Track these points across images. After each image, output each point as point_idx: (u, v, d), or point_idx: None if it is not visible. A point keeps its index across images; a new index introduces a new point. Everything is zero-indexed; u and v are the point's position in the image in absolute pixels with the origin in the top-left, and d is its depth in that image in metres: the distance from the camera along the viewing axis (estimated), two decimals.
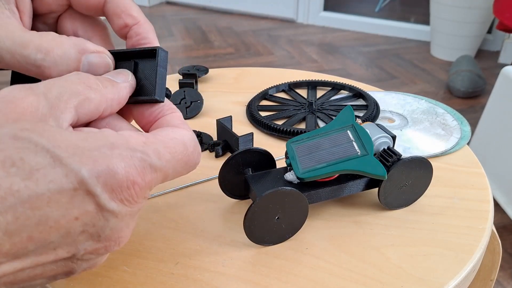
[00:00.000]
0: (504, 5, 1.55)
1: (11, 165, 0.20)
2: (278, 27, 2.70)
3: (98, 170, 0.21)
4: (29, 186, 0.20)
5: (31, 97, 0.22)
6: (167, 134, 0.26)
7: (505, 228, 1.18)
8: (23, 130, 0.20)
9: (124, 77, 0.27)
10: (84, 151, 0.21)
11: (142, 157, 0.23)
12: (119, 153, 0.22)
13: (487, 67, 2.16)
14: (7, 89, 0.22)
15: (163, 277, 0.31)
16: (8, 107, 0.21)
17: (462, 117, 0.53)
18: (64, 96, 0.23)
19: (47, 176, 0.20)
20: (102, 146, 0.22)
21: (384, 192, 0.36)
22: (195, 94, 0.54)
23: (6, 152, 0.20)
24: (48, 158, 0.20)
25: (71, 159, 0.21)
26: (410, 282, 0.31)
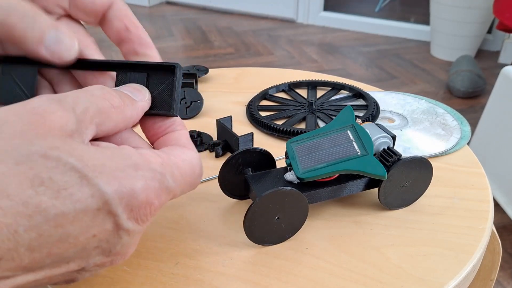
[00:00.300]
0: (504, 5, 1.55)
1: (39, 184, 0.20)
2: (278, 27, 2.70)
3: (122, 191, 0.22)
4: (56, 205, 0.20)
5: (61, 112, 0.22)
6: (179, 155, 0.26)
7: (505, 228, 1.18)
8: (53, 149, 0.21)
9: (142, 95, 0.28)
10: (111, 171, 0.22)
11: (161, 179, 0.24)
12: (142, 175, 0.23)
13: (487, 67, 2.16)
14: (36, 100, 0.22)
15: (163, 277, 0.31)
16: (38, 121, 0.21)
17: (462, 117, 0.53)
18: (89, 112, 0.23)
19: (74, 196, 0.21)
20: (127, 166, 0.23)
21: (384, 192, 0.36)
22: (195, 94, 0.54)
23: (36, 171, 0.20)
24: (76, 178, 0.21)
25: (99, 179, 0.21)
26: (410, 282, 0.31)
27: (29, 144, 0.20)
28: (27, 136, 0.21)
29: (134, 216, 0.23)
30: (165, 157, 0.25)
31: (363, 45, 2.44)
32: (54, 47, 0.26)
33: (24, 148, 0.20)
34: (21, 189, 0.20)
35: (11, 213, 0.19)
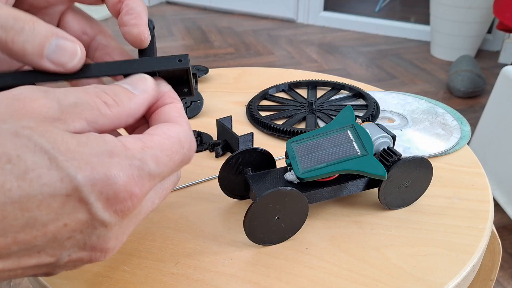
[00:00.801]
0: (504, 5, 1.55)
1: (6, 162, 0.19)
2: (278, 27, 2.70)
3: (94, 177, 0.21)
4: (22, 186, 0.19)
5: (43, 100, 0.21)
6: (164, 133, 0.25)
7: (505, 228, 1.18)
8: (25, 128, 0.20)
9: (143, 85, 0.26)
10: (83, 156, 0.21)
11: (141, 165, 0.23)
12: (118, 162, 0.22)
13: (487, 67, 2.16)
14: (20, 88, 0.21)
15: (163, 277, 0.31)
16: (16, 105, 0.21)
17: (462, 117, 0.53)
18: (79, 107, 0.22)
19: (41, 178, 0.20)
20: (101, 153, 0.21)
21: (384, 192, 0.36)
22: (195, 94, 0.54)
23: (4, 148, 0.19)
24: (45, 160, 0.20)
25: (69, 163, 0.20)
26: (410, 282, 0.31)
27: (1, 123, 0.20)
28: (2, 116, 0.20)
29: (113, 208, 0.22)
30: (147, 139, 0.24)
31: (363, 45, 2.44)
32: (56, 57, 0.25)
33: None
34: None
35: None
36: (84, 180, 0.20)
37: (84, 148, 0.21)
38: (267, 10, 2.83)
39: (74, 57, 0.26)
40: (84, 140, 0.21)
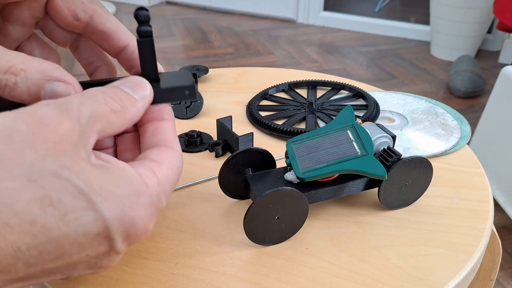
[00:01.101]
0: (504, 5, 1.55)
1: (48, 204, 0.20)
2: (278, 27, 2.70)
3: (123, 219, 0.23)
4: (60, 227, 0.21)
5: (68, 123, 0.22)
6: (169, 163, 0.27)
7: (505, 228, 1.18)
8: (63, 169, 0.21)
9: (143, 90, 0.27)
10: (115, 198, 0.22)
11: (158, 204, 0.25)
12: (142, 203, 0.24)
13: (487, 67, 2.16)
14: (44, 110, 0.22)
15: (163, 277, 0.31)
16: (47, 133, 0.21)
17: (462, 117, 0.53)
18: (92, 120, 0.24)
19: (78, 219, 0.21)
20: (130, 193, 0.23)
21: (384, 192, 0.36)
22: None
23: (46, 191, 0.20)
24: (83, 202, 0.21)
25: (103, 206, 0.22)
26: (410, 282, 0.31)
27: (41, 161, 0.21)
28: (39, 149, 0.21)
29: (129, 241, 0.24)
30: (158, 171, 0.26)
31: (363, 45, 2.44)
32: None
33: (37, 165, 0.20)
34: (30, 208, 0.20)
35: (18, 231, 0.20)
36: (114, 222, 0.22)
37: (116, 188, 0.23)
38: (267, 10, 2.83)
39: None
40: (114, 179, 0.23)
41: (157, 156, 0.27)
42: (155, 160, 0.27)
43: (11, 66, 0.25)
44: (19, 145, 0.20)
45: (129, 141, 0.30)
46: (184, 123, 0.52)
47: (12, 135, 0.21)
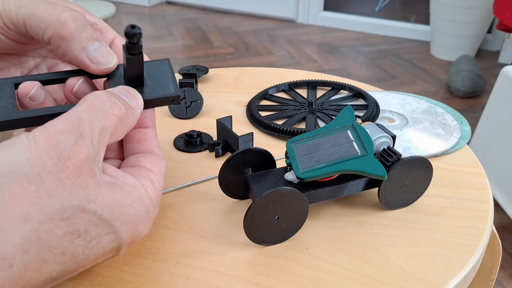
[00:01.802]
0: (504, 5, 1.55)
1: (77, 236, 0.23)
2: (278, 27, 2.70)
3: (134, 235, 0.27)
4: (85, 252, 0.24)
5: (85, 151, 0.24)
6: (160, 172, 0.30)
7: (505, 228, 1.18)
8: (89, 202, 0.24)
9: (136, 100, 0.29)
10: (131, 219, 0.26)
11: (156, 210, 0.29)
12: (150, 217, 0.28)
13: (487, 67, 2.16)
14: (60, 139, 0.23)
15: (163, 277, 0.31)
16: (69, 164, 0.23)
17: (462, 117, 0.53)
18: (102, 136, 0.26)
19: (100, 243, 0.25)
20: (142, 212, 0.27)
21: (384, 192, 0.36)
22: (195, 94, 0.54)
23: (76, 226, 0.23)
24: (106, 229, 0.25)
25: (122, 228, 0.25)
26: (410, 282, 0.31)
27: (70, 198, 0.23)
28: (66, 186, 0.23)
29: (131, 245, 0.28)
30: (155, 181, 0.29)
31: (363, 45, 2.44)
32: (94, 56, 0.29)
33: (66, 203, 0.23)
34: (62, 242, 0.23)
35: (51, 263, 0.23)
36: (127, 238, 0.26)
37: (131, 209, 0.26)
38: (267, 10, 2.83)
39: (109, 62, 0.30)
40: (130, 201, 0.26)
41: (151, 165, 0.30)
42: (151, 170, 0.30)
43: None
44: (49, 184, 0.22)
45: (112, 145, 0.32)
46: (184, 123, 0.52)
47: (41, 174, 0.22)
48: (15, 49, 0.32)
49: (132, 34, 0.27)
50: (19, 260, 0.21)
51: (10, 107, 0.28)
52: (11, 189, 0.21)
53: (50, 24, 0.28)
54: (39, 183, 0.22)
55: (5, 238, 0.21)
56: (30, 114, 0.28)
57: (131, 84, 0.30)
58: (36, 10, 0.29)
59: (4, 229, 0.21)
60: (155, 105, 0.31)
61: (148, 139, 0.31)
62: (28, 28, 0.29)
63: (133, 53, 0.28)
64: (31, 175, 0.22)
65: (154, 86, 0.31)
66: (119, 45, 0.34)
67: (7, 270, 0.21)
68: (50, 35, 0.29)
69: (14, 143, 0.23)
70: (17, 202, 0.21)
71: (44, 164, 0.22)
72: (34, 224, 0.21)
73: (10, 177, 0.21)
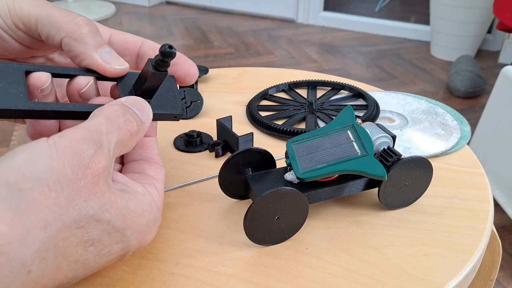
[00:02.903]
0: (504, 5, 1.55)
1: (90, 245, 0.24)
2: (278, 27, 2.70)
3: (141, 243, 0.28)
4: (96, 260, 0.25)
5: (103, 161, 0.25)
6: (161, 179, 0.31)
7: (505, 228, 1.18)
8: (104, 212, 0.24)
9: (147, 114, 0.30)
10: (141, 228, 0.27)
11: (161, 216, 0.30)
12: (156, 226, 0.29)
13: (487, 67, 2.16)
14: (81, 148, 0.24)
15: (163, 277, 0.31)
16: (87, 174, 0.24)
17: (462, 117, 0.53)
18: (116, 148, 0.26)
19: (111, 251, 0.25)
20: (151, 221, 0.28)
21: (384, 192, 0.36)
22: (195, 94, 0.54)
23: (90, 234, 0.24)
24: (118, 237, 0.25)
25: (132, 236, 0.26)
26: (410, 282, 0.31)
27: (86, 206, 0.23)
28: (83, 194, 0.23)
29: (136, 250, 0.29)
30: (160, 189, 0.30)
31: (363, 45, 2.44)
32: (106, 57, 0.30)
33: (83, 211, 0.23)
34: (76, 250, 0.23)
35: (65, 270, 0.23)
36: (135, 246, 0.27)
37: (141, 219, 0.27)
38: (267, 10, 2.83)
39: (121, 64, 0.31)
40: (141, 210, 0.27)
41: (155, 173, 0.31)
42: (155, 177, 0.31)
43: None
44: (68, 192, 0.23)
45: None
46: (184, 123, 0.52)
47: (61, 181, 0.22)
48: (19, 53, 0.32)
49: (168, 53, 0.28)
50: (37, 266, 0.21)
51: (22, 95, 0.27)
52: (33, 195, 0.21)
53: (64, 25, 0.29)
54: (59, 191, 0.22)
55: (26, 245, 0.21)
56: (42, 107, 0.28)
57: (143, 95, 0.31)
58: (51, 11, 0.29)
59: (25, 236, 0.21)
60: (158, 119, 0.33)
61: (150, 147, 0.33)
62: (39, 28, 0.30)
63: (160, 70, 0.30)
64: (52, 182, 0.22)
65: (161, 101, 0.33)
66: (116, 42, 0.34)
67: (25, 277, 0.21)
68: (64, 36, 0.29)
69: (34, 147, 0.23)
70: (37, 208, 0.21)
71: (64, 172, 0.23)
72: (52, 232, 0.22)
73: (32, 183, 0.21)
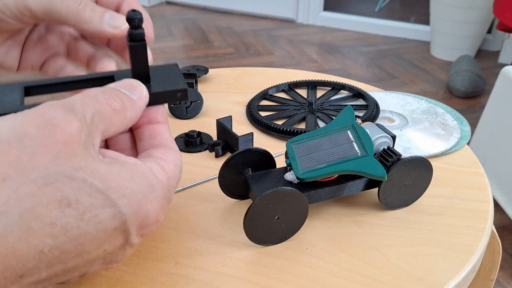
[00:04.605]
0: (504, 5, 1.55)
1: (66, 205, 0.21)
2: (278, 27, 2.70)
3: (139, 212, 0.24)
4: (80, 226, 0.21)
5: (76, 123, 0.23)
6: (173, 160, 0.28)
7: (505, 228, 1.18)
8: (77, 170, 0.22)
9: (139, 92, 0.28)
10: (132, 193, 0.23)
11: (168, 196, 0.26)
12: (156, 196, 0.25)
13: (487, 67, 2.16)
14: (51, 110, 0.23)
15: (163, 277, 0.31)
16: (57, 133, 0.22)
17: (462, 117, 0.53)
18: (95, 119, 0.24)
19: (97, 217, 0.22)
20: (145, 188, 0.24)
21: (384, 192, 0.36)
22: (195, 94, 0.54)
23: (63, 192, 0.21)
24: (101, 199, 0.22)
25: (120, 201, 0.23)
26: (410, 282, 0.31)
27: (54, 163, 0.21)
28: (51, 152, 0.21)
29: (142, 232, 0.25)
30: (166, 168, 0.27)
31: (363, 45, 2.44)
32: (113, 22, 0.32)
33: (51, 168, 0.21)
34: (49, 210, 0.20)
35: (39, 234, 0.20)
36: (131, 215, 0.23)
37: (131, 183, 0.23)
38: (267, 10, 2.83)
39: (124, 23, 0.32)
40: (129, 175, 0.24)
41: (162, 154, 0.28)
42: (162, 158, 0.28)
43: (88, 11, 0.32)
44: (32, 148, 0.21)
45: (123, 141, 0.31)
46: (184, 123, 0.52)
47: (23, 139, 0.21)
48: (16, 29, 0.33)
49: (133, 18, 0.27)
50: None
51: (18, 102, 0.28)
52: None
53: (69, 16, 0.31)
54: (20, 148, 0.21)
55: None
56: None
57: (136, 75, 0.30)
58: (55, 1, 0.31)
59: None
60: (162, 101, 0.31)
61: (160, 134, 0.30)
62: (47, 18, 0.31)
63: (135, 40, 0.28)
64: (12, 140, 0.21)
65: (161, 83, 0.31)
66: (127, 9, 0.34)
67: None
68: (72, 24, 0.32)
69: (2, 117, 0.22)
70: None
71: (28, 130, 0.21)
72: (13, 185, 0.20)
73: None
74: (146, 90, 0.29)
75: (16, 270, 0.20)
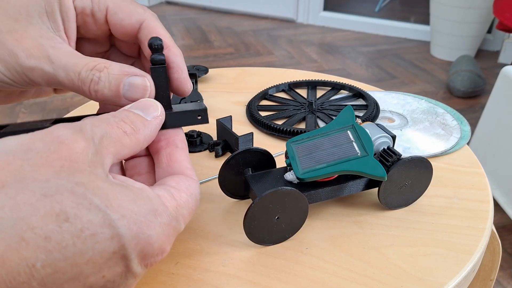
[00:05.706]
0: (504, 5, 1.55)
1: (64, 220, 0.20)
2: (278, 27, 2.70)
3: (139, 237, 0.22)
4: (76, 243, 0.20)
5: (83, 142, 0.22)
6: (187, 190, 0.27)
7: (505, 228, 1.18)
8: (79, 185, 0.21)
9: (154, 110, 0.28)
10: (132, 215, 0.22)
11: (175, 225, 0.25)
12: (160, 222, 0.23)
13: (487, 67, 2.16)
14: (60, 129, 0.23)
15: (163, 277, 0.31)
16: (63, 150, 0.22)
17: (462, 117, 0.53)
18: (105, 141, 0.24)
19: (95, 236, 0.21)
20: (148, 212, 0.23)
21: (384, 192, 0.36)
22: (195, 94, 0.54)
23: (62, 206, 0.20)
24: (99, 218, 0.21)
25: (120, 222, 0.21)
26: (410, 282, 0.31)
27: (56, 177, 0.21)
28: (54, 166, 0.21)
29: (145, 262, 0.23)
30: (177, 196, 0.26)
31: (363, 45, 2.44)
32: (131, 95, 0.28)
33: (53, 181, 0.21)
34: (46, 223, 0.20)
35: (32, 246, 0.19)
36: (131, 239, 0.22)
37: (133, 206, 0.22)
38: (267, 10, 2.83)
39: (146, 92, 0.29)
40: (132, 197, 0.23)
41: (176, 183, 0.27)
42: (174, 187, 0.27)
43: (97, 64, 0.27)
44: (35, 161, 0.21)
45: (141, 165, 0.31)
46: None
47: (28, 152, 0.21)
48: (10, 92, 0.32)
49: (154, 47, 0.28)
50: None
51: None
52: None
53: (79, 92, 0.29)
54: (24, 159, 0.21)
55: None
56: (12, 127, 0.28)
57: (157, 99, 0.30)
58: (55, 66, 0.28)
59: None
60: (181, 123, 0.30)
61: (177, 161, 0.29)
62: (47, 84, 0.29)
63: (157, 64, 0.29)
64: (18, 152, 0.21)
65: (181, 107, 0.31)
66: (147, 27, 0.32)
67: None
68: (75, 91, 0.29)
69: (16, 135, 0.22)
70: None
71: (33, 145, 0.21)
72: (11, 192, 0.20)
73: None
74: (162, 108, 0.29)
75: (5, 282, 0.19)
